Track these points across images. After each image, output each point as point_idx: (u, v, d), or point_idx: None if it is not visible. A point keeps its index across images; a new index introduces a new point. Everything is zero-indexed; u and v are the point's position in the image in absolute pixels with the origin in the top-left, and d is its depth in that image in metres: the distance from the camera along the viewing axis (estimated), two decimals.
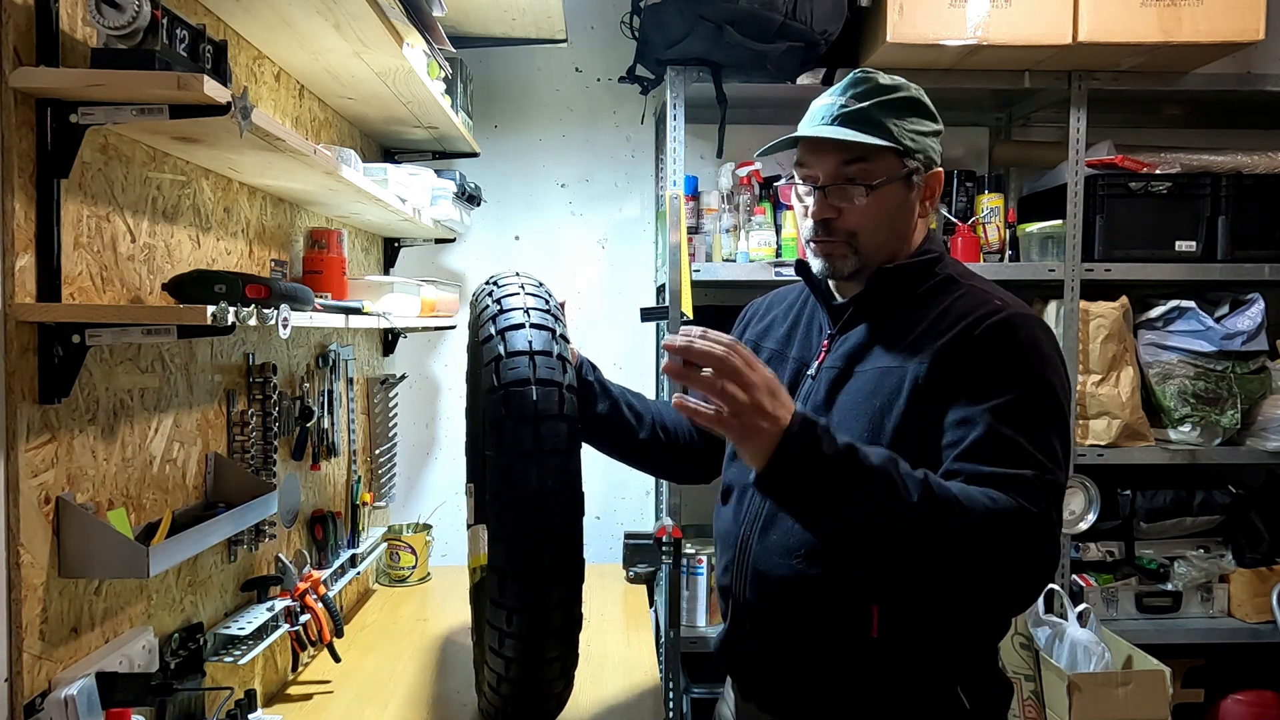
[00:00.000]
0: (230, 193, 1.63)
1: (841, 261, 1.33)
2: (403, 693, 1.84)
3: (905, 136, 1.29)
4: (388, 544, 2.55)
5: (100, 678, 1.20)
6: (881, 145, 1.27)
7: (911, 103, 1.32)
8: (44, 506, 1.14)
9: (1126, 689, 2.28)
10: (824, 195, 1.31)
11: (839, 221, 1.31)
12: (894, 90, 1.31)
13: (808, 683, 1.30)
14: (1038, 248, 2.61)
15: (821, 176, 1.31)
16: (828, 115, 1.30)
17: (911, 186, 1.32)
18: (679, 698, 2.53)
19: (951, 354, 1.22)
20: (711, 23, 2.27)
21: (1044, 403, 1.19)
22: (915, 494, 1.07)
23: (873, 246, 1.32)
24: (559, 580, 1.32)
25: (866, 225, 1.30)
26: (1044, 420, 1.18)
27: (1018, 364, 1.20)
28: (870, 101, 1.29)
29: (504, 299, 1.44)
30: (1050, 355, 1.22)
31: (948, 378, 1.20)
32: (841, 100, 1.30)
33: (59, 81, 1.11)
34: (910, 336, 1.26)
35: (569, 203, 2.93)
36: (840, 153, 1.29)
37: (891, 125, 1.28)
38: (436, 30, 1.93)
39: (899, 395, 1.23)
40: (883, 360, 1.27)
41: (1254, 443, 2.61)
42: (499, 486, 1.31)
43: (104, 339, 1.17)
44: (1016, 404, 1.17)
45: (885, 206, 1.30)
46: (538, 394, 1.32)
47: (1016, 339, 1.21)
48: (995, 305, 1.24)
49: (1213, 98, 2.64)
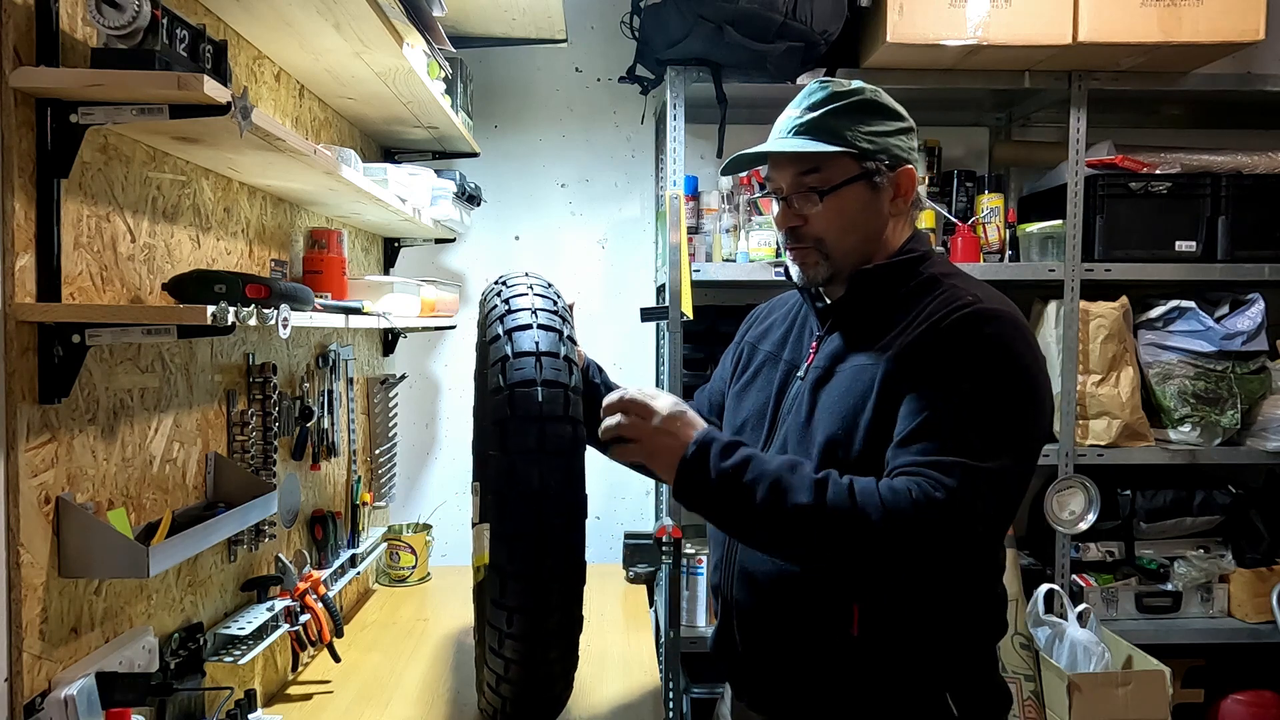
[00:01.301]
0: (230, 193, 1.63)
1: (814, 269, 1.35)
2: (403, 692, 1.84)
3: (861, 139, 1.30)
4: (388, 544, 2.55)
5: (100, 678, 1.20)
6: (832, 151, 1.29)
7: (867, 105, 1.33)
8: (44, 506, 1.14)
9: (1126, 689, 2.28)
10: (787, 205, 1.35)
11: (805, 229, 1.34)
12: (849, 95, 1.32)
13: (792, 681, 1.31)
14: (1038, 248, 2.61)
15: (785, 187, 1.35)
16: (788, 129, 1.34)
17: (876, 187, 1.32)
18: (679, 698, 2.53)
19: (916, 348, 1.23)
20: (711, 23, 2.27)
21: (996, 390, 1.18)
22: (805, 497, 1.14)
23: (842, 251, 1.33)
24: (560, 582, 1.32)
25: (831, 230, 1.32)
26: (993, 406, 1.17)
27: (973, 355, 1.20)
28: (822, 110, 1.31)
29: (512, 299, 1.44)
30: (1016, 350, 1.21)
31: (909, 371, 1.21)
32: (797, 113, 1.33)
33: (59, 81, 1.11)
34: (886, 335, 1.27)
35: (569, 203, 2.93)
36: (795, 164, 1.33)
37: (845, 130, 1.29)
38: (436, 30, 1.93)
39: (870, 393, 1.24)
40: (858, 359, 1.29)
41: (1254, 443, 2.61)
42: (502, 486, 1.31)
43: (104, 339, 1.17)
44: (960, 393, 1.17)
45: (846, 210, 1.32)
46: (543, 395, 1.32)
47: (979, 332, 1.21)
48: (967, 300, 1.24)
49: (1213, 98, 2.64)
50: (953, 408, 1.17)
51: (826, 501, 1.13)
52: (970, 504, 1.13)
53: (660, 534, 2.24)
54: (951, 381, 1.18)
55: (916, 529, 1.12)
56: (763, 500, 1.15)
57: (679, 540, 2.26)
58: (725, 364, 1.60)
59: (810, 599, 1.27)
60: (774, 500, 1.15)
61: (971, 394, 1.18)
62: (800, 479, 1.15)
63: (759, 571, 1.31)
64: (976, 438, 1.15)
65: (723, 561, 1.39)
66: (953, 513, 1.12)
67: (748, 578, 1.33)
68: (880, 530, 1.12)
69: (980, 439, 1.15)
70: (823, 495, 1.14)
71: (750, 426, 1.40)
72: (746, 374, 1.48)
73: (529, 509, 1.29)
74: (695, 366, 2.60)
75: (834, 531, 1.14)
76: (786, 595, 1.28)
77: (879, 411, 1.22)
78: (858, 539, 1.13)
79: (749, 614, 1.34)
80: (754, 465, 1.18)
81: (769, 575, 1.30)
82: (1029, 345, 1.23)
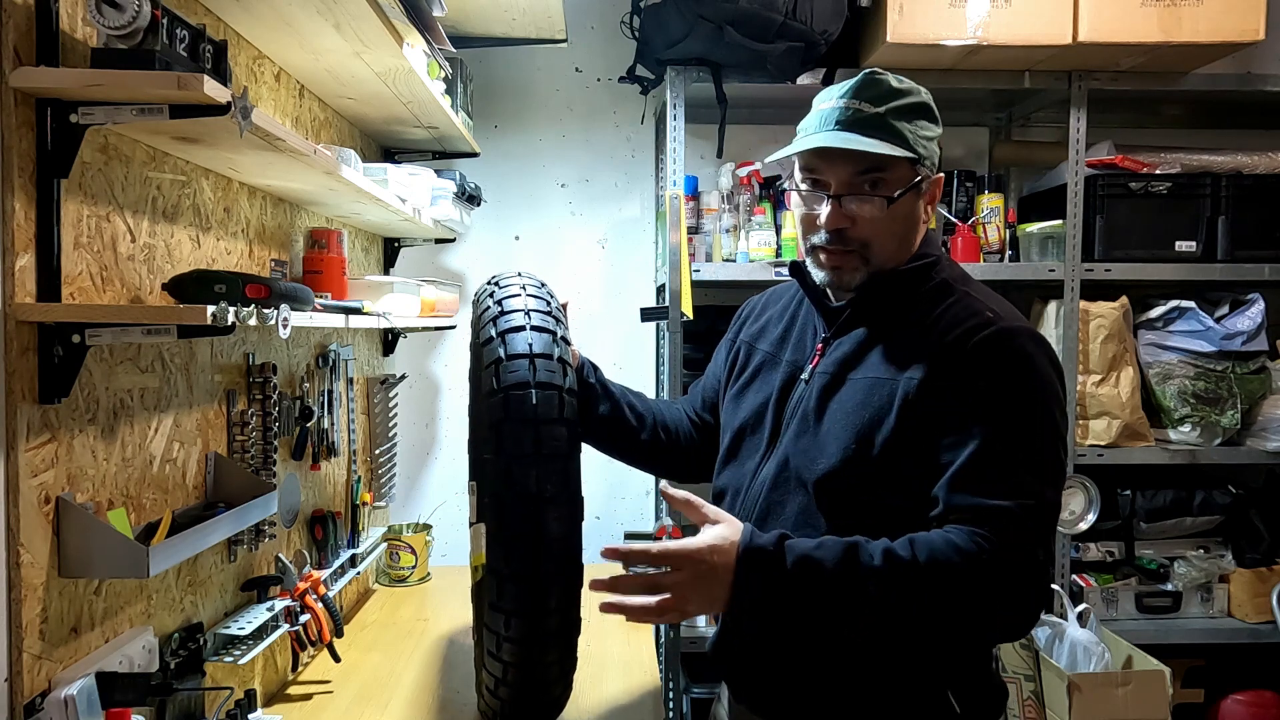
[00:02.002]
0: (230, 193, 1.63)
1: (851, 274, 1.30)
2: (403, 693, 1.84)
3: (919, 144, 1.26)
4: (388, 544, 2.55)
5: (100, 678, 1.20)
6: (900, 155, 1.24)
7: (921, 107, 1.29)
8: (44, 506, 1.14)
9: (1126, 689, 2.28)
10: (838, 204, 1.27)
11: (853, 231, 1.27)
12: (906, 95, 1.27)
13: (794, 683, 1.30)
14: (1038, 248, 2.61)
15: (834, 184, 1.27)
16: (839, 118, 1.25)
17: (920, 194, 1.30)
18: (679, 698, 2.53)
19: (942, 370, 1.20)
20: (711, 23, 2.27)
21: (1035, 421, 1.17)
22: (874, 586, 1.10)
23: (884, 256, 1.29)
24: (557, 585, 1.31)
25: (881, 235, 1.27)
26: (1034, 439, 1.17)
27: (1009, 383, 1.18)
28: (885, 107, 1.25)
29: (505, 300, 1.43)
30: (1043, 368, 1.20)
31: (939, 395, 1.19)
32: (855, 104, 1.25)
33: (59, 81, 1.11)
34: (903, 347, 1.25)
35: (569, 203, 2.93)
36: (855, 162, 1.25)
37: (907, 133, 1.25)
38: (436, 30, 1.93)
39: (889, 410, 1.21)
40: (875, 370, 1.26)
41: (1254, 443, 2.61)
42: (498, 490, 1.30)
43: (104, 339, 1.17)
44: (1006, 426, 1.16)
45: (899, 216, 1.28)
46: (537, 397, 1.31)
47: (1009, 356, 1.19)
48: (986, 317, 1.22)
49: (1213, 98, 2.64)
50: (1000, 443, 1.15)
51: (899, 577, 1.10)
52: (1032, 550, 1.13)
53: (660, 534, 2.24)
54: (991, 416, 1.16)
55: (993, 581, 1.11)
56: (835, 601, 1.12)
57: None
58: (719, 359, 1.57)
59: None
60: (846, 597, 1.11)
61: (1015, 428, 1.16)
62: (866, 566, 1.11)
63: None
64: (1028, 475, 1.14)
65: None
66: (1020, 563, 1.12)
67: None
68: (965, 578, 1.10)
69: (1031, 476, 1.15)
70: (893, 574, 1.10)
71: (750, 429, 1.39)
72: (745, 375, 1.45)
73: (525, 512, 1.28)
74: (695, 366, 2.60)
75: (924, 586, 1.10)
76: None
77: (899, 431, 1.20)
78: (944, 603, 1.11)
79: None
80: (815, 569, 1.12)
81: None
82: (1054, 362, 1.23)
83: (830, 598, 1.12)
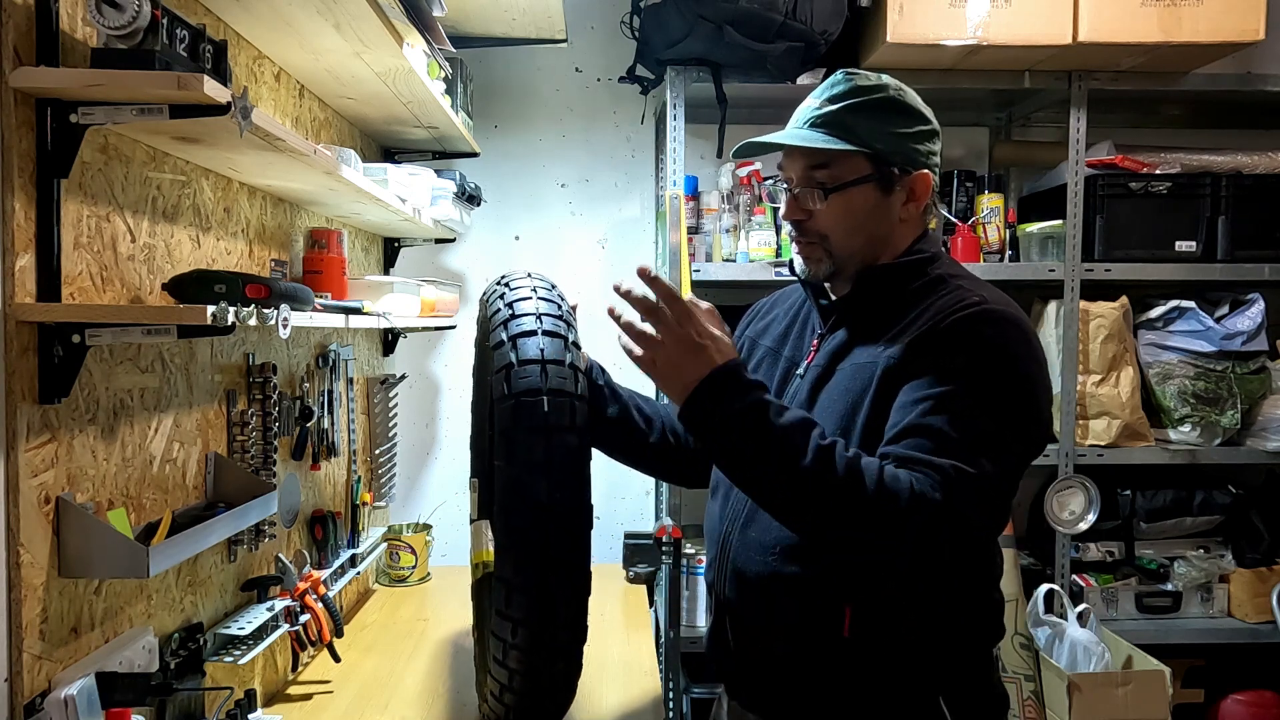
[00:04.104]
0: (230, 193, 1.63)
1: (816, 264, 1.33)
2: (403, 693, 1.84)
3: (876, 139, 1.27)
4: (388, 544, 2.55)
5: (100, 678, 1.20)
6: (842, 149, 1.26)
7: (889, 103, 1.29)
8: (44, 506, 1.14)
9: (1126, 689, 2.28)
10: (794, 198, 1.33)
11: (810, 224, 1.32)
12: (871, 92, 1.29)
13: (784, 681, 1.30)
14: (1038, 248, 2.61)
15: (794, 179, 1.32)
16: (805, 119, 1.31)
17: (888, 189, 1.30)
18: (679, 698, 2.53)
19: (916, 344, 1.21)
20: (711, 23, 2.27)
21: (990, 394, 1.16)
22: (810, 459, 1.11)
23: (845, 250, 1.31)
24: (566, 594, 1.29)
25: (835, 228, 1.30)
26: (984, 412, 1.15)
27: (971, 355, 1.18)
28: (841, 105, 1.28)
29: (516, 303, 1.40)
30: (1015, 352, 1.20)
31: (907, 366, 1.20)
32: (817, 104, 1.31)
33: (59, 81, 1.11)
34: (888, 333, 1.26)
35: (569, 203, 2.93)
36: (807, 157, 1.30)
37: (861, 129, 1.27)
38: (436, 30, 1.93)
39: (868, 391, 1.22)
40: (859, 357, 1.27)
41: (1254, 443, 2.61)
42: (508, 498, 1.28)
43: (104, 339, 1.17)
44: (957, 393, 1.15)
45: (853, 210, 1.29)
46: (549, 405, 1.28)
47: (979, 333, 1.20)
48: (973, 300, 1.23)
49: (1213, 98, 2.64)
50: (948, 408, 1.15)
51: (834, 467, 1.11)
52: (962, 513, 1.12)
53: (660, 534, 2.24)
54: (947, 380, 1.16)
55: (905, 518, 1.10)
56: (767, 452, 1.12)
57: (679, 540, 2.26)
58: None
59: (802, 599, 1.26)
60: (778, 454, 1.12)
61: (966, 396, 1.16)
62: (813, 442, 1.12)
63: (751, 570, 1.30)
64: (971, 440, 1.13)
65: (717, 560, 1.38)
66: (945, 518, 1.10)
67: (741, 576, 1.31)
68: (870, 502, 1.09)
69: (974, 442, 1.13)
70: (829, 461, 1.11)
71: None
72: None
73: (535, 522, 1.26)
74: None
75: (827, 489, 1.11)
76: (779, 595, 1.27)
77: (875, 408, 1.21)
78: (845, 503, 1.11)
79: (742, 613, 1.34)
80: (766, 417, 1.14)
81: (760, 575, 1.28)
82: (1030, 348, 1.22)
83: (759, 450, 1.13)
